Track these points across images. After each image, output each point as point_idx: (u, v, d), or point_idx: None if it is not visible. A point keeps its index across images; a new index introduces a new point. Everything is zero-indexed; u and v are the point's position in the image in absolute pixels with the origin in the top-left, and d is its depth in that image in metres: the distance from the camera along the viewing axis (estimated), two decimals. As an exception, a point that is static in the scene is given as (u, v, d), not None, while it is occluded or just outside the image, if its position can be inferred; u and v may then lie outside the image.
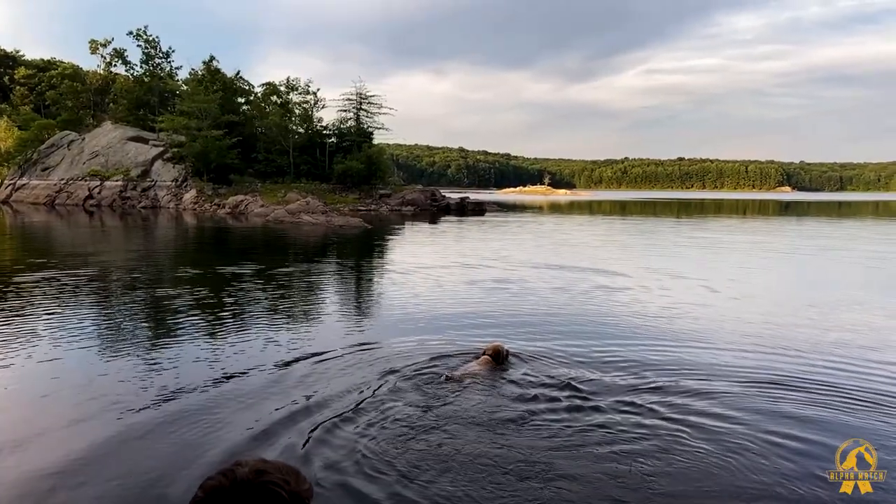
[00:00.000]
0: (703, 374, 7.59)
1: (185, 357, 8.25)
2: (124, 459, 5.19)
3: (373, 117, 59.89)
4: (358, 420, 5.96)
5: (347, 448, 5.36)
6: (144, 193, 52.63)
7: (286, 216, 39.42)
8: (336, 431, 5.71)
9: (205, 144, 50.96)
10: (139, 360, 8.02)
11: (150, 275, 15.80)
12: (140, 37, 61.15)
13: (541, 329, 10.08)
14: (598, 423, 5.94)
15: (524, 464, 5.12)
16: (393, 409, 6.28)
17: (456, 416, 6.14)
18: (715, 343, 9.30)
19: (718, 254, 23.63)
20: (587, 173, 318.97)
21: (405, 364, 7.78)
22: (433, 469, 5.02)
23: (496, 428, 5.87)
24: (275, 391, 6.86)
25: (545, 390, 6.88)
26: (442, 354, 8.26)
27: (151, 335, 9.65)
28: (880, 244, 27.53)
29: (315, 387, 6.97)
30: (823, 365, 8.12)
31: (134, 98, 61.06)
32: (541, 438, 5.63)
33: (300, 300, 12.97)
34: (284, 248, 25.28)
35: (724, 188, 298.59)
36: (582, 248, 24.88)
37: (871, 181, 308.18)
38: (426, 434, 5.70)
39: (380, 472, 4.93)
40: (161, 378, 7.29)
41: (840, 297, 13.66)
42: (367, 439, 5.53)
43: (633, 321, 10.88)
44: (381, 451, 5.31)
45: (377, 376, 7.29)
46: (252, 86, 64.37)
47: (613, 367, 7.78)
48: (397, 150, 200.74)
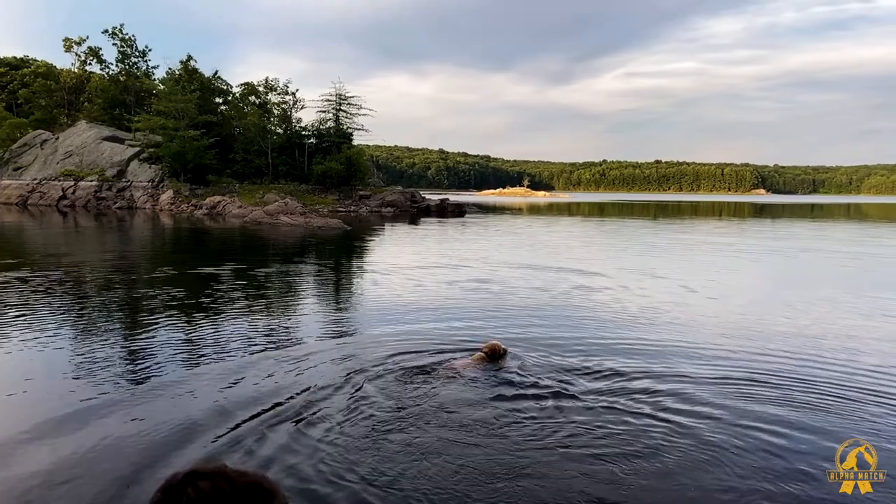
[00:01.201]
0: (682, 372, 7.68)
1: (156, 357, 8.15)
2: (89, 459, 5.12)
3: (352, 118, 59.74)
4: (322, 421, 5.90)
5: (309, 451, 5.27)
6: (120, 194, 51.89)
7: (264, 217, 39.13)
8: (298, 433, 5.63)
9: (182, 145, 50.43)
10: (109, 361, 7.90)
11: (124, 275, 15.58)
12: (116, 35, 60.41)
13: (521, 328, 10.14)
14: (575, 421, 5.99)
15: (495, 464, 5.11)
16: (361, 408, 6.24)
17: (427, 414, 6.14)
18: (694, 341, 9.43)
19: (695, 255, 23.91)
20: (566, 175, 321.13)
21: (379, 363, 7.78)
22: (399, 472, 4.94)
23: (469, 427, 5.86)
24: (241, 392, 6.79)
25: (522, 389, 6.92)
26: (419, 351, 8.26)
27: (124, 335, 9.51)
28: (852, 245, 28.05)
29: (284, 386, 6.93)
30: (799, 362, 8.29)
31: (109, 97, 60.20)
32: (515, 437, 5.64)
33: (277, 300, 12.88)
34: (262, 249, 25.09)
35: (700, 190, 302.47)
36: (561, 249, 25.01)
37: (843, 184, 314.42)
38: (394, 434, 5.65)
39: (341, 478, 4.81)
40: (131, 378, 7.22)
41: (814, 297, 13.89)
42: (330, 442, 5.45)
43: (612, 320, 11.00)
44: (345, 453, 5.23)
45: (349, 376, 7.27)
46: (230, 86, 63.95)
47: (593, 366, 7.84)
48: (377, 152, 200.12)
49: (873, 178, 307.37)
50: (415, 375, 7.31)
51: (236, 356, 8.23)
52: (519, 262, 19.36)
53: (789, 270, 19.69)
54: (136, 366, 7.78)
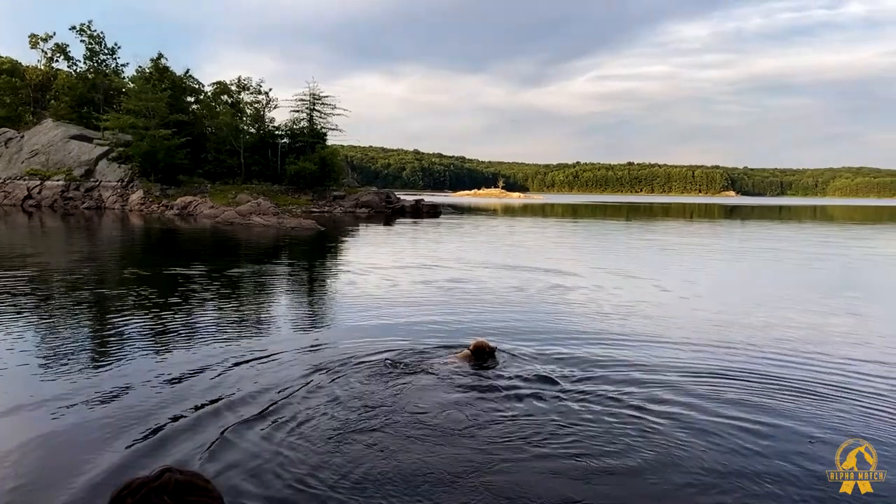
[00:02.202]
0: (656, 369, 7.80)
1: (118, 357, 8.02)
2: (31, 460, 5.08)
3: (326, 118, 59.42)
4: (286, 422, 5.81)
5: (270, 454, 5.15)
6: (88, 194, 50.88)
7: (236, 218, 38.70)
8: (258, 435, 5.53)
9: (152, 144, 49.59)
10: (72, 361, 7.74)
11: (92, 276, 15.27)
12: (83, 32, 59.20)
13: (497, 326, 10.21)
14: (548, 419, 6.03)
15: (463, 463, 5.10)
16: (327, 409, 6.18)
17: (395, 413, 6.11)
18: (668, 339, 9.61)
19: (667, 255, 24.25)
20: (540, 177, 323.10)
21: (349, 362, 7.75)
22: (363, 473, 4.84)
23: (438, 425, 5.85)
24: (201, 391, 6.70)
25: (495, 387, 6.95)
26: (392, 349, 8.21)
27: (89, 335, 9.34)
28: (818, 246, 28.69)
29: (248, 386, 6.87)
30: (767, 357, 8.55)
31: (77, 95, 58.95)
32: (484, 435, 5.65)
33: (248, 301, 12.72)
34: (234, 249, 24.81)
35: (671, 192, 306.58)
36: (536, 250, 25.18)
37: (809, 186, 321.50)
38: (360, 434, 5.59)
39: (302, 482, 4.67)
40: (91, 378, 7.11)
41: (783, 296, 14.23)
42: (291, 444, 5.33)
43: (587, 318, 11.14)
44: (307, 455, 5.12)
45: (317, 375, 7.24)
46: (202, 85, 63.17)
47: (567, 364, 7.93)
48: (351, 152, 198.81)
49: (838, 181, 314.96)
50: (386, 374, 7.30)
51: (201, 356, 8.12)
52: (494, 263, 19.45)
53: (759, 270, 20.08)
54: (97, 365, 7.64)
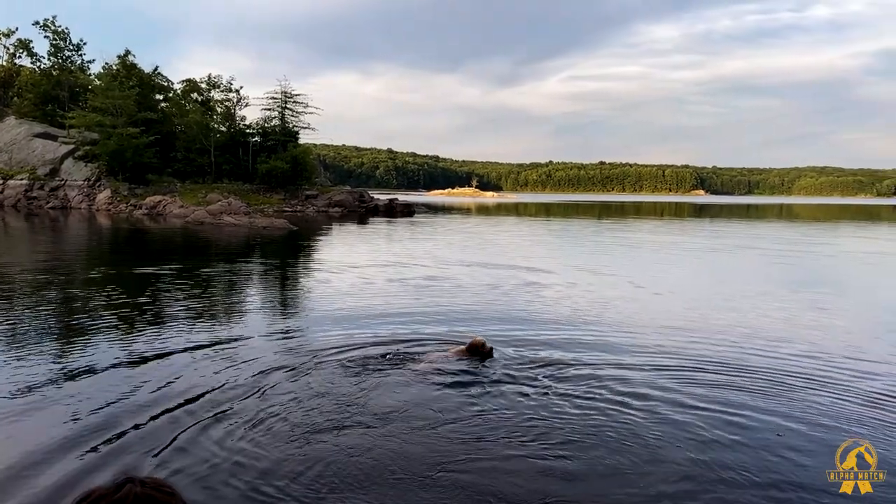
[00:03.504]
0: (629, 363, 7.92)
1: (78, 356, 7.84)
2: None
3: (298, 116, 58.77)
4: (241, 423, 5.71)
5: (222, 457, 5.02)
6: (53, 193, 49.70)
7: (207, 217, 38.19)
8: (212, 436, 5.41)
9: (120, 142, 48.55)
10: (31, 358, 7.54)
11: (57, 276, 14.92)
12: (48, 28, 57.79)
13: (472, 322, 10.28)
14: (525, 414, 6.05)
15: (433, 462, 5.08)
16: (288, 407, 6.11)
17: (363, 412, 6.05)
18: (643, 334, 9.82)
19: (640, 252, 24.58)
20: (513, 176, 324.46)
21: (321, 358, 7.73)
22: (318, 476, 4.70)
23: (407, 422, 5.81)
24: (159, 392, 6.60)
25: (470, 382, 6.96)
26: (363, 346, 8.19)
27: (49, 335, 9.11)
28: (784, 244, 29.30)
29: (207, 383, 6.81)
30: (738, 349, 8.85)
31: (41, 92, 57.45)
32: (454, 433, 5.64)
33: (218, 299, 12.57)
34: (204, 249, 24.48)
35: (642, 191, 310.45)
36: (510, 248, 25.30)
37: (776, 185, 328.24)
38: (322, 434, 5.50)
39: (256, 490, 4.54)
40: (48, 375, 7.02)
41: (752, 291, 14.55)
42: (242, 449, 5.18)
43: (562, 314, 11.24)
44: (260, 459, 4.98)
45: (277, 372, 7.20)
46: (171, 82, 62.10)
47: (543, 359, 8.02)
48: (324, 151, 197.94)
49: (804, 180, 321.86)
50: (355, 372, 7.27)
51: (164, 355, 8.01)
52: (469, 260, 19.50)
53: (729, 267, 20.47)
54: (54, 363, 7.50)
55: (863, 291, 16.05)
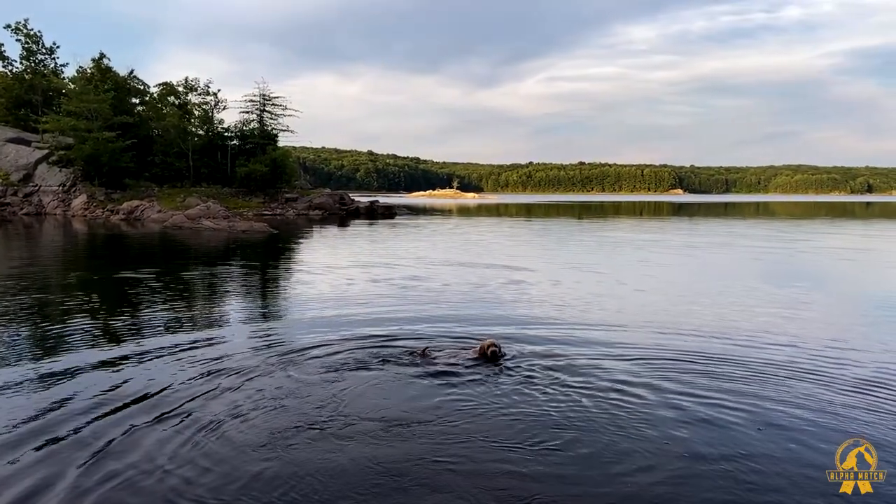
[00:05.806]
0: (616, 355, 7.93)
1: (48, 360, 7.64)
2: None
3: (277, 119, 58.56)
4: (189, 426, 5.57)
5: (182, 461, 4.89)
6: (27, 199, 48.80)
7: (185, 222, 37.73)
8: (160, 438, 5.30)
9: (95, 147, 47.85)
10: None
11: (33, 281, 14.58)
12: (19, 31, 56.89)
13: (457, 320, 10.27)
14: (514, 411, 6.02)
15: (410, 461, 5.02)
16: (267, 409, 6.01)
17: (342, 413, 5.94)
18: (628, 328, 9.95)
19: (621, 251, 24.69)
20: (494, 177, 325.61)
21: (295, 357, 7.68)
22: (278, 483, 4.58)
23: (379, 423, 5.71)
24: (94, 395, 6.44)
25: (455, 381, 6.91)
26: (337, 341, 8.10)
27: (21, 339, 8.90)
28: (762, 241, 29.68)
29: (168, 383, 6.73)
30: (720, 342, 8.99)
31: (13, 96, 56.43)
32: (433, 433, 5.57)
33: (197, 302, 12.35)
34: (183, 253, 24.15)
35: (622, 191, 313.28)
36: (493, 248, 25.28)
37: (753, 184, 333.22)
38: (302, 434, 5.40)
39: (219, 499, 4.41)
40: (25, 379, 6.84)
41: (733, 287, 14.70)
42: (187, 456, 5.02)
43: (547, 312, 11.27)
44: (206, 468, 4.82)
45: (250, 374, 7.11)
46: (147, 86, 61.29)
47: (527, 354, 8.03)
48: (304, 153, 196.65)
49: (779, 178, 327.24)
50: (338, 370, 7.21)
51: (128, 357, 7.88)
52: (452, 261, 19.49)
53: (710, 263, 20.64)
54: (13, 369, 7.32)
55: (840, 284, 16.32)
